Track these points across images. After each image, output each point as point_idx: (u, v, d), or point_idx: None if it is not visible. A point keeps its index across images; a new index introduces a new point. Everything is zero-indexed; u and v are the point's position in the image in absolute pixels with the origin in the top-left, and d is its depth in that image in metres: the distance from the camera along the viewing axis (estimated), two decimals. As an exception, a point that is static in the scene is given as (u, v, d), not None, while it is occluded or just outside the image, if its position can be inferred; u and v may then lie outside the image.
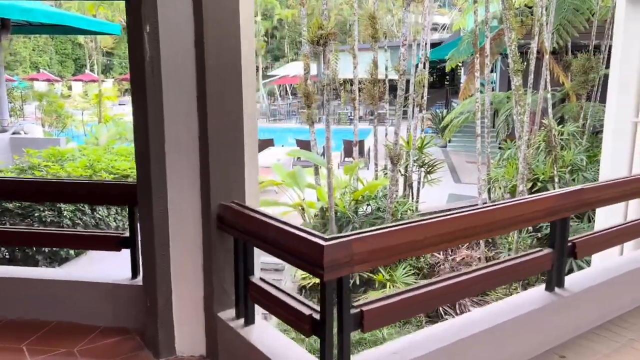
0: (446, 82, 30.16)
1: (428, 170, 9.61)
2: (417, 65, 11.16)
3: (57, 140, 10.06)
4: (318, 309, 1.93)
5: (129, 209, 2.83)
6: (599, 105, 11.13)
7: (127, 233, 2.92)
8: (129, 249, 2.92)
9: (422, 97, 10.78)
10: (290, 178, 7.83)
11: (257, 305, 2.37)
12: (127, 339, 2.79)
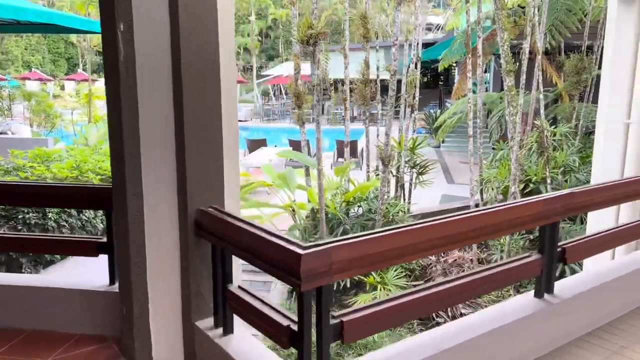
0: (440, 82, 30.17)
1: (420, 171, 9.53)
2: (409, 65, 11.09)
3: (45, 140, 9.91)
4: (296, 320, 1.85)
5: (106, 213, 2.75)
6: (591, 105, 11.11)
7: (105, 238, 2.84)
8: (107, 255, 2.84)
9: (413, 97, 10.70)
10: (280, 179, 7.74)
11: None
12: (104, 347, 2.71)
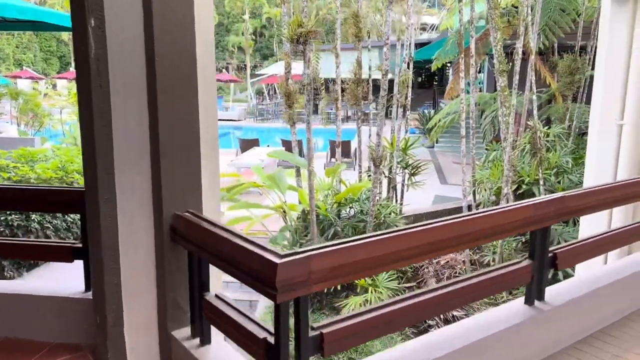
0: (435, 83, 30.10)
1: (412, 172, 9.44)
2: (401, 65, 11.00)
3: (32, 140, 9.74)
4: (273, 332, 1.75)
5: (81, 216, 2.64)
6: (584, 106, 11.07)
7: (80, 243, 2.73)
8: (82, 260, 2.73)
9: (406, 97, 10.60)
10: (269, 180, 7.62)
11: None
12: (78, 356, 2.60)
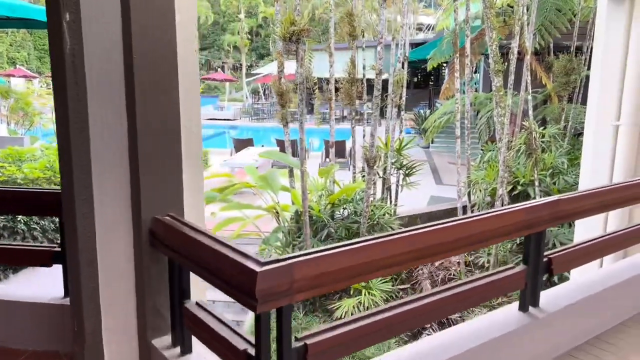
0: (431, 82, 30.05)
1: (407, 173, 9.36)
2: (395, 64, 10.93)
3: (21, 139, 9.59)
4: (254, 343, 1.66)
5: (60, 219, 2.54)
6: (580, 107, 11.04)
7: (59, 247, 2.63)
8: (61, 265, 2.64)
9: (400, 97, 10.51)
10: (262, 181, 7.52)
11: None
12: (57, 365, 2.51)
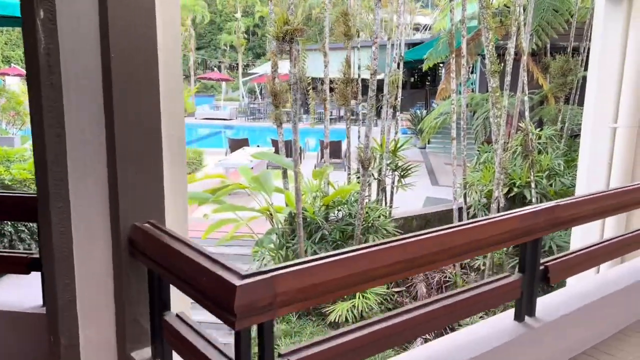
0: (427, 83, 29.99)
1: (402, 174, 9.28)
2: (391, 65, 10.84)
3: (11, 138, 9.47)
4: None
5: (37, 225, 2.44)
6: (577, 108, 10.98)
7: (38, 254, 2.53)
8: (40, 272, 2.53)
9: (396, 97, 10.43)
10: (255, 182, 7.42)
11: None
12: (34, 377, 2.41)
